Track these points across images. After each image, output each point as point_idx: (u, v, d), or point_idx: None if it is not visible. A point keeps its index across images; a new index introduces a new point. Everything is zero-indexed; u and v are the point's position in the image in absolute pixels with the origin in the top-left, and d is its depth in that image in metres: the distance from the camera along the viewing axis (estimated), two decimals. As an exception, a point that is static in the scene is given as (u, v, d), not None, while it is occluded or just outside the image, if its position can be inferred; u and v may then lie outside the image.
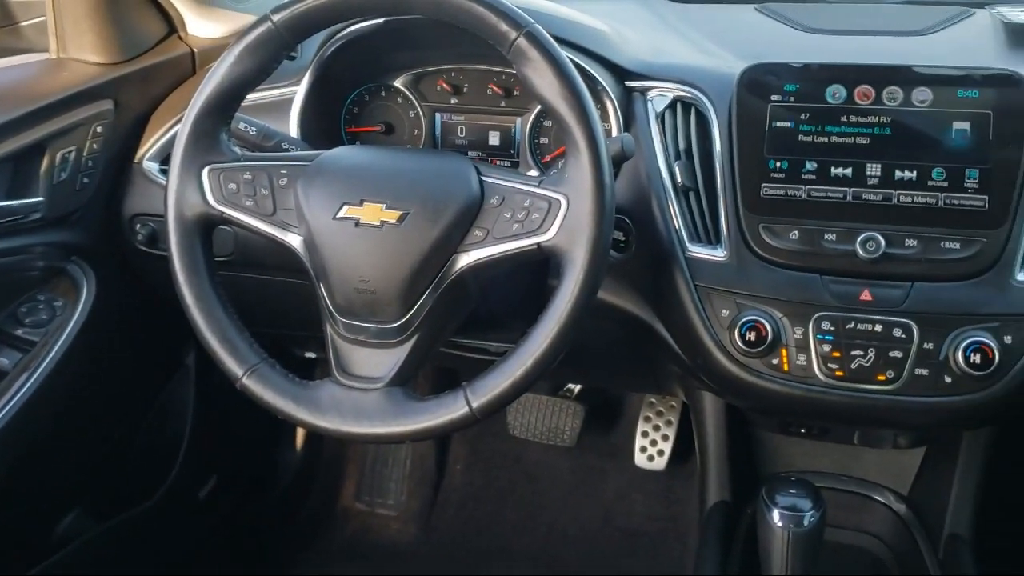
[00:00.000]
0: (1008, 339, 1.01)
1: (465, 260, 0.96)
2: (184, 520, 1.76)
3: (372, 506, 2.09)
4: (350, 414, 0.97)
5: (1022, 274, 1.02)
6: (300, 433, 2.11)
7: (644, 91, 1.19)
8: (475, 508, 2.06)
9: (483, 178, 0.98)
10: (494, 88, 1.30)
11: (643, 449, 1.97)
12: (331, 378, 1.00)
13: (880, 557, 1.42)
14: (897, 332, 1.04)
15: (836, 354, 1.05)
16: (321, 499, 2.10)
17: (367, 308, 0.98)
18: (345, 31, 1.24)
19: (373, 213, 0.96)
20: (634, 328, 1.23)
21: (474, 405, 0.94)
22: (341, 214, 0.97)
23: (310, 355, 1.80)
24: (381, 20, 1.21)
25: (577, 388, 2.07)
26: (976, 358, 1.00)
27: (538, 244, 0.94)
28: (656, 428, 1.98)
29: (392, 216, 0.96)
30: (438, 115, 1.33)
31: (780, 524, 1.10)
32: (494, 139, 1.32)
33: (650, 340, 1.22)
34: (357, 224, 0.97)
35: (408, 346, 0.99)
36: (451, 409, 0.94)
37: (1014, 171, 1.02)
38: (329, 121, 1.34)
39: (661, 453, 1.97)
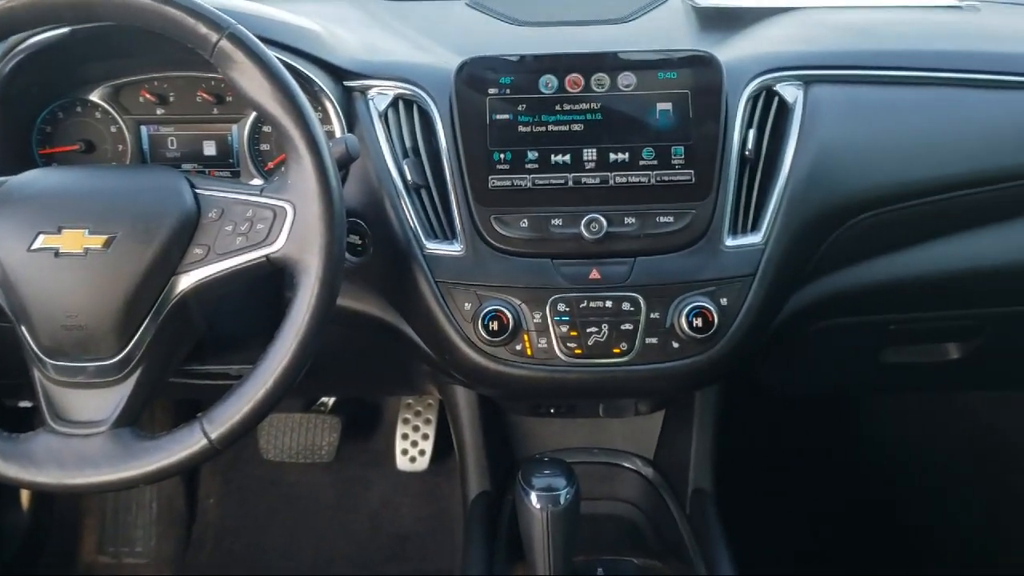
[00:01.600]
0: (724, 301, 1.08)
1: (186, 282, 0.90)
2: None
3: (118, 556, 1.93)
4: (72, 464, 0.88)
5: (730, 240, 1.10)
6: (25, 491, 1.90)
7: (364, 91, 1.17)
8: (234, 542, 1.95)
9: (197, 191, 0.92)
10: (204, 95, 1.22)
11: (404, 452, 1.97)
12: (45, 427, 0.90)
13: (634, 521, 1.49)
14: (626, 306, 1.09)
15: (573, 333, 1.09)
16: (57, 559, 1.91)
17: (79, 346, 0.89)
18: (26, 43, 1.11)
19: (74, 240, 0.88)
20: (381, 331, 1.21)
21: (212, 436, 0.88)
22: (37, 245, 0.88)
23: (25, 404, 1.62)
24: (67, 29, 1.10)
25: (331, 400, 2.03)
26: (698, 322, 1.07)
27: (267, 256, 0.90)
28: (416, 429, 1.98)
29: (97, 242, 0.88)
30: (144, 128, 1.24)
31: (538, 506, 1.12)
32: (209, 149, 1.24)
33: (398, 341, 1.21)
34: (57, 254, 0.88)
35: (131, 382, 0.91)
36: (187, 444, 0.88)
37: (713, 145, 1.10)
38: (18, 144, 1.21)
39: (423, 453, 1.97)
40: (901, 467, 1.99)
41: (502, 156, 1.11)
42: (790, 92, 1.16)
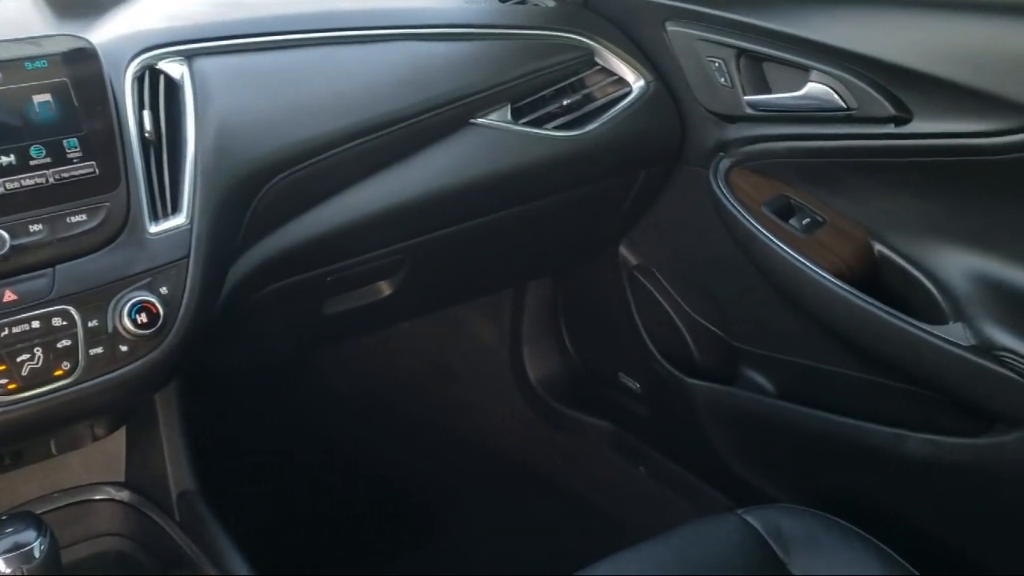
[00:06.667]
0: (164, 290, 1.03)
1: None
2: None
3: None
4: None
5: (153, 226, 1.05)
6: None
7: None
8: None
9: None
10: None
11: None
12: None
13: (124, 550, 1.38)
14: (57, 321, 0.97)
15: (2, 367, 0.95)
16: None
17: None
18: None
19: None
20: None
21: None
22: None
23: None
24: None
25: None
26: (142, 318, 1.00)
27: None
28: None
29: None
30: None
31: (9, 571, 0.98)
32: None
33: None
34: None
35: None
36: None
37: (109, 133, 1.03)
38: None
39: None
40: (365, 409, 2.13)
41: None
42: (175, 69, 1.14)
